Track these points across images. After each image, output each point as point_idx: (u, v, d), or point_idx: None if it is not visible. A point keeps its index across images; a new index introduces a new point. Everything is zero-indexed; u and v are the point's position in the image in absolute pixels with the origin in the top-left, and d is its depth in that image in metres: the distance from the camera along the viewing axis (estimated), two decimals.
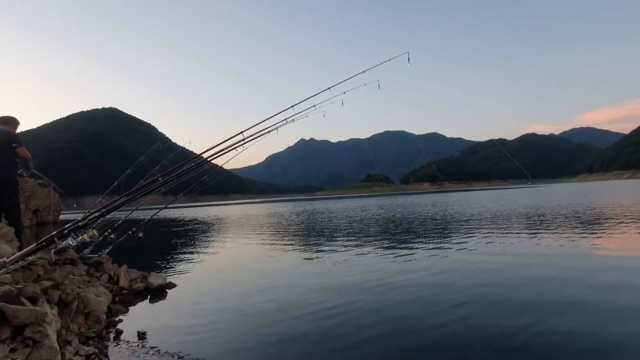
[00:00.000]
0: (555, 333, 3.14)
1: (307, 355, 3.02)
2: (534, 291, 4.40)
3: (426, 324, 3.55)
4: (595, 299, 4.02)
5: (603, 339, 2.99)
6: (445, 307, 3.99)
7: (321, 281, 5.51)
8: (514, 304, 3.97)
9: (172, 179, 4.64)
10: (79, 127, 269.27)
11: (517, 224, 11.72)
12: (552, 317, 3.51)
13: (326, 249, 8.84)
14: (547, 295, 4.22)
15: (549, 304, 3.90)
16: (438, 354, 2.93)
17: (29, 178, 25.31)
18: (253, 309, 4.29)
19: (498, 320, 3.52)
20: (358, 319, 3.78)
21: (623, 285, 4.49)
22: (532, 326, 3.32)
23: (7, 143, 4.75)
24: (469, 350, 2.95)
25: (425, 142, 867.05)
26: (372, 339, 3.27)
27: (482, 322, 3.49)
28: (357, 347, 3.10)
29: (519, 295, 4.29)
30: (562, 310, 3.69)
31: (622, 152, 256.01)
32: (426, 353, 2.97)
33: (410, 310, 4.00)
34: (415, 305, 4.13)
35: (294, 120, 5.37)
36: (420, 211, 20.91)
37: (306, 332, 3.50)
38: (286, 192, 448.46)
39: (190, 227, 18.56)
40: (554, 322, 3.38)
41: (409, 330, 3.41)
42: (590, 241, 7.74)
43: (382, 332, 3.41)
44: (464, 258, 6.70)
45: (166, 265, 7.60)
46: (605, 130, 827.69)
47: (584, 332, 3.16)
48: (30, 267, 3.30)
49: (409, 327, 3.50)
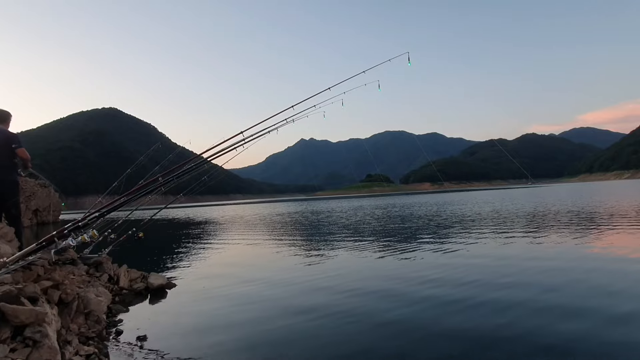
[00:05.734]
0: (566, 337, 3.14)
1: (307, 355, 3.02)
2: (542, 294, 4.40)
3: (426, 324, 3.55)
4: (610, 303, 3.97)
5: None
6: (447, 309, 3.96)
7: (321, 281, 5.50)
8: (529, 307, 3.83)
9: (172, 179, 4.63)
10: (79, 127, 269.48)
11: (536, 224, 11.72)
12: (560, 320, 3.51)
13: (326, 249, 8.84)
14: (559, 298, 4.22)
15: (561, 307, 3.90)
16: (439, 354, 2.93)
17: (28, 178, 25.32)
18: (253, 308, 4.29)
19: (505, 322, 3.50)
20: (358, 319, 3.77)
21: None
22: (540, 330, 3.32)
23: (7, 143, 4.74)
24: (473, 352, 2.95)
25: (425, 142, 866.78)
26: (375, 340, 3.27)
27: (483, 325, 3.49)
28: (358, 348, 3.10)
29: (535, 298, 4.16)
30: (573, 314, 3.68)
31: (622, 152, 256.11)
32: (427, 353, 2.97)
33: (410, 311, 3.99)
34: (417, 306, 4.12)
35: (294, 120, 5.37)
36: (420, 212, 20.90)
37: (306, 332, 3.50)
38: (286, 192, 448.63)
39: (190, 227, 18.56)
40: (562, 326, 3.38)
41: (409, 331, 3.42)
42: (600, 242, 7.73)
43: (383, 333, 3.41)
44: (468, 258, 6.67)
45: (166, 265, 7.60)
46: (605, 130, 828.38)
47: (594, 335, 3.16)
48: (30, 267, 3.29)
49: (409, 327, 3.50)
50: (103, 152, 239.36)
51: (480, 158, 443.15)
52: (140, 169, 7.44)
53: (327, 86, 5.31)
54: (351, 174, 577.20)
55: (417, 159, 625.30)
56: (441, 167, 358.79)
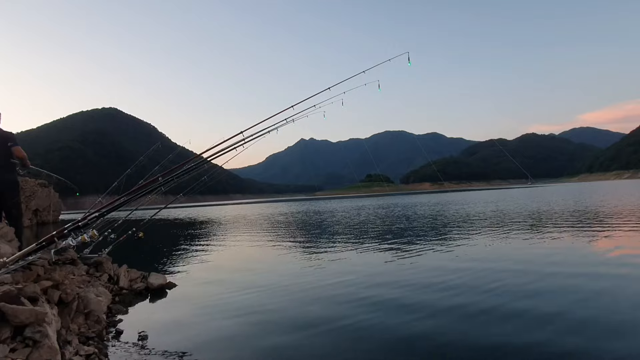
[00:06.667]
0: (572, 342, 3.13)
1: (308, 355, 3.02)
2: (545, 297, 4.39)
3: (452, 340, 3.51)
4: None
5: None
6: (474, 320, 3.66)
7: (321, 281, 5.50)
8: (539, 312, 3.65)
9: (172, 179, 4.63)
10: (79, 127, 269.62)
11: (542, 224, 11.71)
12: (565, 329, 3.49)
13: (326, 249, 8.83)
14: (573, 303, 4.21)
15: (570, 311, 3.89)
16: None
17: (29, 178, 25.31)
18: (253, 308, 4.29)
19: (513, 328, 3.48)
20: (358, 320, 3.77)
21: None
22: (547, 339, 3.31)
23: (3, 143, 4.71)
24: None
25: (425, 142, 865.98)
26: (378, 342, 3.27)
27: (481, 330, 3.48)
28: (359, 350, 3.10)
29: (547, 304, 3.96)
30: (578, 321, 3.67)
31: (622, 152, 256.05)
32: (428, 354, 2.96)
33: (410, 312, 3.98)
34: (419, 307, 4.11)
35: (294, 120, 5.37)
36: (424, 211, 20.90)
37: (306, 332, 3.49)
38: (286, 192, 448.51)
39: (190, 227, 18.55)
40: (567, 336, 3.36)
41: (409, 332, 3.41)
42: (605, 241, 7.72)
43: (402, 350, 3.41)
44: (485, 262, 6.20)
45: (166, 265, 7.59)
46: (605, 130, 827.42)
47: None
48: (30, 267, 3.29)
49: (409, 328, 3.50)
50: (103, 152, 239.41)
51: (480, 158, 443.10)
52: (140, 169, 7.46)
53: (327, 86, 5.30)
54: (351, 174, 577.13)
55: (417, 159, 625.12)
56: (441, 167, 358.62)
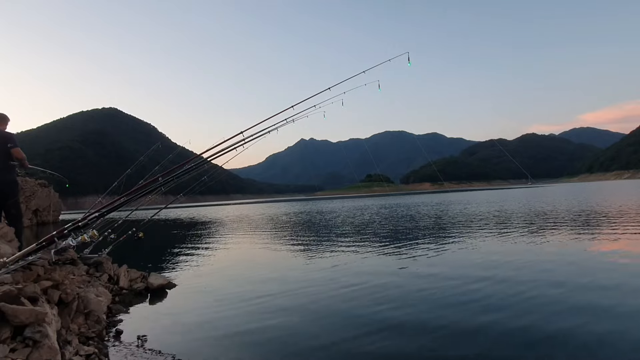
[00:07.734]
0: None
1: (308, 355, 3.02)
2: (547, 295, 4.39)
3: (428, 325, 3.54)
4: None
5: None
6: (448, 311, 3.92)
7: (321, 281, 5.50)
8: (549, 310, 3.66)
9: (172, 179, 4.63)
10: (79, 127, 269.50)
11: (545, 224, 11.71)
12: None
13: (326, 249, 8.83)
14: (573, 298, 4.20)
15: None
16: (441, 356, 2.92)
17: (28, 178, 25.31)
18: (253, 308, 4.29)
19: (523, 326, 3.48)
20: (358, 321, 3.77)
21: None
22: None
23: (4, 144, 4.74)
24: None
25: (425, 142, 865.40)
26: (378, 343, 3.27)
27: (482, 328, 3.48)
28: (359, 351, 3.10)
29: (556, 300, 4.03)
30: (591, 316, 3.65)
31: (622, 152, 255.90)
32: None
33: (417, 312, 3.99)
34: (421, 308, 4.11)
35: (294, 120, 5.36)
36: (427, 211, 20.89)
37: (306, 332, 3.50)
38: (286, 192, 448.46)
39: (190, 227, 18.55)
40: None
41: (410, 332, 3.41)
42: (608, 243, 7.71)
43: (386, 336, 3.41)
44: (499, 264, 5.98)
45: (166, 265, 7.59)
46: (605, 130, 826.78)
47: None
48: (30, 267, 3.29)
49: (411, 328, 3.50)
50: (103, 152, 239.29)
51: (480, 158, 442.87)
52: (140, 169, 7.45)
53: (327, 86, 5.29)
54: (351, 174, 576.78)
55: (417, 159, 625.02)
56: (441, 167, 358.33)
